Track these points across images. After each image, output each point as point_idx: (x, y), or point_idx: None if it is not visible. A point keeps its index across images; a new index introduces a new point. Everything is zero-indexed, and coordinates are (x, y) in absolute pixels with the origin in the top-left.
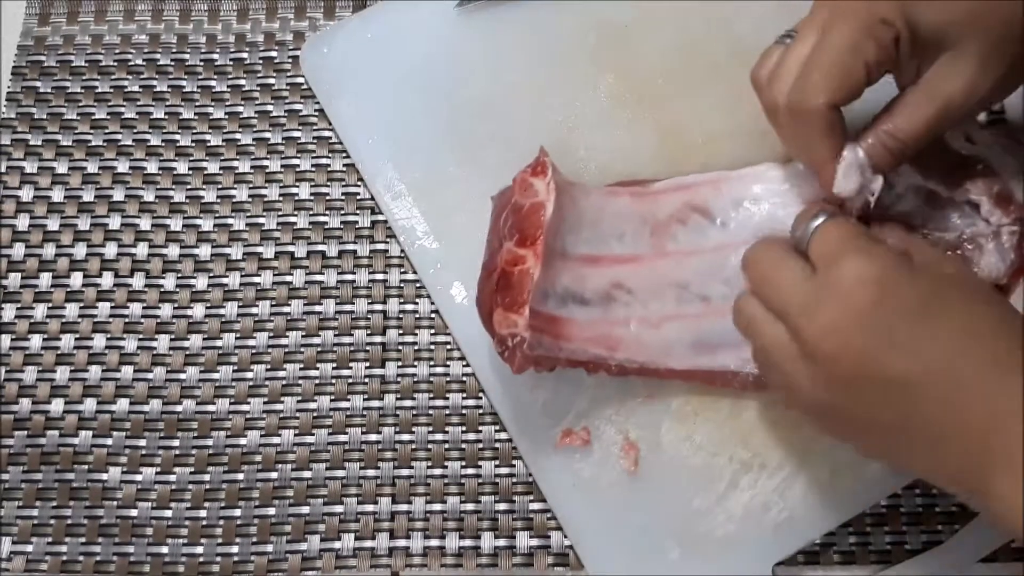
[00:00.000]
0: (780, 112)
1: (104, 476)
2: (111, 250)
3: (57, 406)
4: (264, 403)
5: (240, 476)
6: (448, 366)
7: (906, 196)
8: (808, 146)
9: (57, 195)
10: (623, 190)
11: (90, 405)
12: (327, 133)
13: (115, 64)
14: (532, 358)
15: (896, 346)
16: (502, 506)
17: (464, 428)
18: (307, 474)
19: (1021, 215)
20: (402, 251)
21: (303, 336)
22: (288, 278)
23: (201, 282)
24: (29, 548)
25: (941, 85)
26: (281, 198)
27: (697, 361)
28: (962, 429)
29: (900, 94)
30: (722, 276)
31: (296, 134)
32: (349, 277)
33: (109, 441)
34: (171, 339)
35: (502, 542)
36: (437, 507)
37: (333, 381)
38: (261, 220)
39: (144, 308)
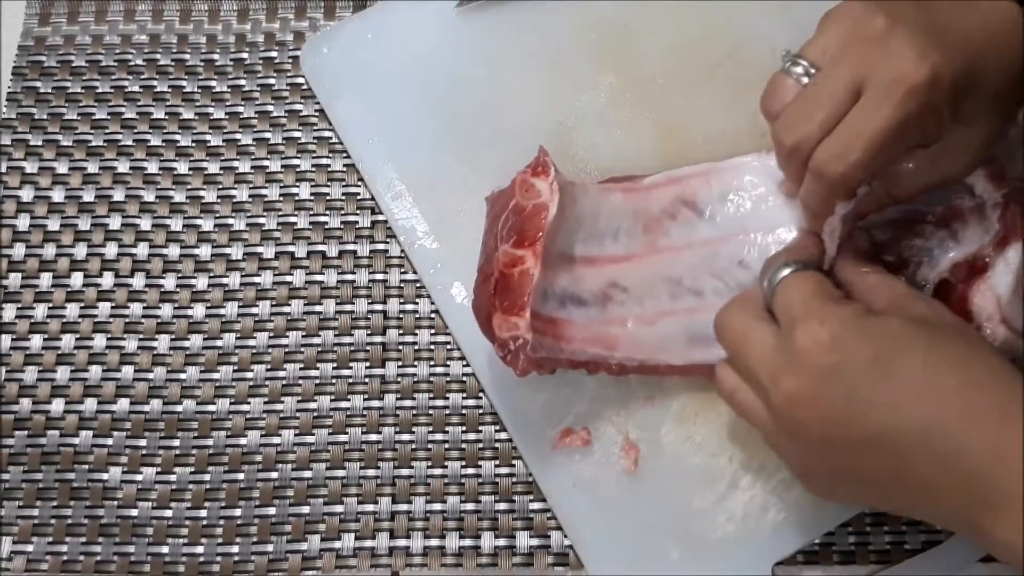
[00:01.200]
0: (794, 159)
1: (104, 476)
2: (111, 250)
3: (57, 406)
4: (264, 403)
5: (240, 476)
6: (448, 366)
7: None
8: (816, 203)
9: (57, 195)
10: (616, 186)
11: (90, 405)
12: (327, 133)
13: (115, 64)
14: (535, 361)
15: (863, 405)
16: (502, 506)
17: (464, 428)
18: (307, 474)
19: (1010, 188)
20: (402, 251)
21: (303, 336)
22: (288, 278)
23: (201, 282)
24: (29, 548)
25: (951, 156)
26: (281, 198)
27: (693, 355)
28: (950, 475)
29: (921, 151)
30: (713, 270)
31: (296, 134)
32: (349, 277)
33: (109, 441)
34: (171, 339)
35: (502, 542)
36: (437, 507)
37: (333, 381)
38: (261, 220)
39: (144, 308)
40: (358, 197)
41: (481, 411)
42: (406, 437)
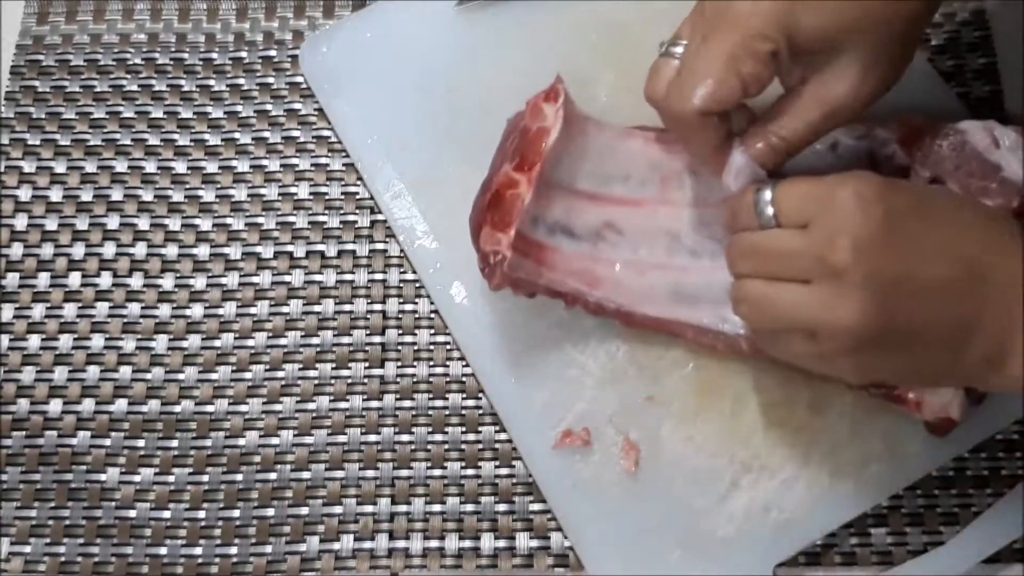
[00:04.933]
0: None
1: (102, 476)
2: (110, 250)
3: (55, 406)
4: (263, 403)
5: (239, 477)
6: (448, 366)
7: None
8: (688, 146)
9: (55, 195)
10: (640, 133)
11: (88, 405)
12: (326, 132)
13: (114, 63)
14: (511, 279)
15: (914, 250)
16: (502, 507)
17: (464, 428)
18: (306, 475)
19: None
20: (401, 251)
21: (302, 336)
22: (287, 278)
23: (200, 282)
24: (27, 549)
25: (826, 89)
26: (280, 198)
27: (675, 311)
28: (990, 314)
29: (785, 96)
30: (716, 234)
31: (295, 133)
32: (348, 277)
33: (107, 441)
34: (170, 339)
35: (502, 543)
36: (437, 508)
37: (332, 381)
38: (260, 220)
39: (143, 308)
40: (357, 196)
41: (481, 412)
42: (405, 438)
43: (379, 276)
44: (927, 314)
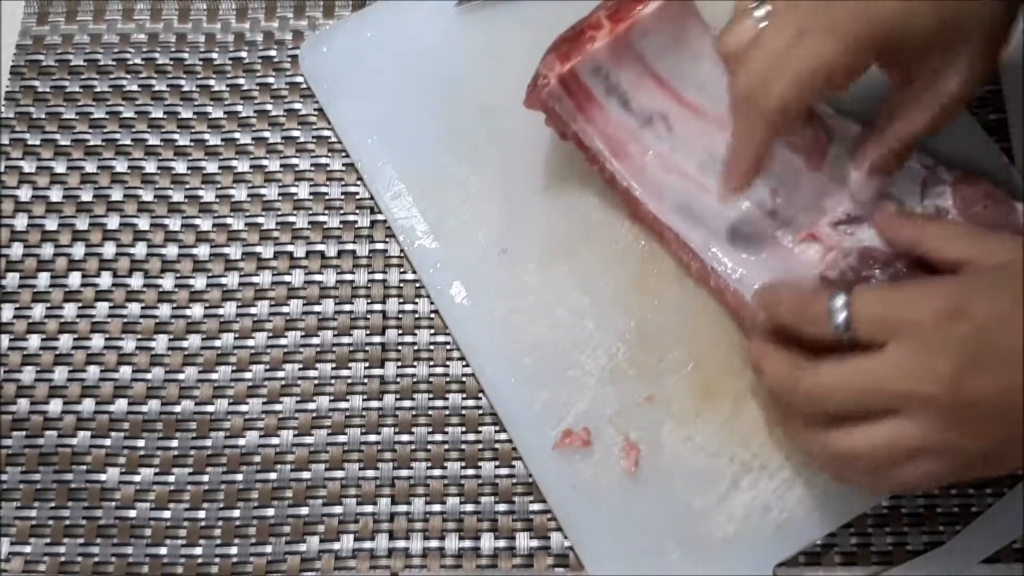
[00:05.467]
0: (736, 104)
1: (102, 476)
2: (109, 250)
3: (55, 406)
4: (263, 403)
5: (239, 477)
6: (448, 366)
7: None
8: (745, 134)
9: (55, 195)
10: None
11: (88, 405)
12: (326, 132)
13: (114, 63)
14: (545, 105)
15: (1006, 360)
16: (502, 507)
17: (464, 429)
18: (306, 475)
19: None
20: (402, 251)
21: (302, 336)
22: (287, 278)
23: (200, 282)
24: (27, 549)
25: (938, 88)
26: (280, 198)
27: (672, 219)
28: None
29: (896, 99)
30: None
31: (295, 133)
32: (348, 277)
33: (107, 441)
34: (170, 339)
35: (502, 543)
36: (437, 508)
37: (332, 381)
38: (260, 220)
39: (143, 308)
40: (357, 196)
41: (481, 412)
42: (405, 438)
43: (379, 276)
44: (993, 431)
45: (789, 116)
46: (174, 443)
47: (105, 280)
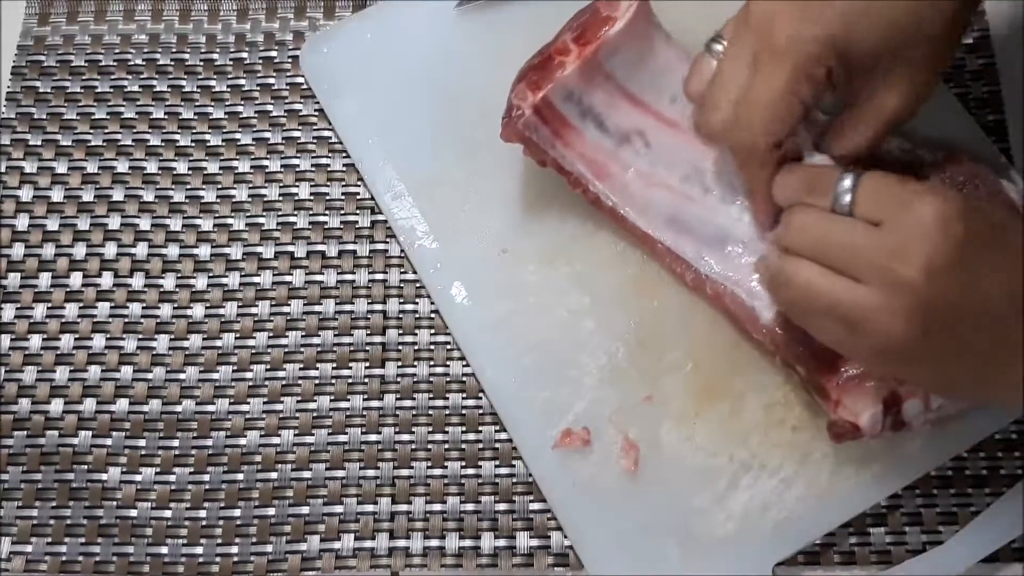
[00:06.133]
0: (716, 139)
1: (104, 476)
2: (111, 250)
3: (57, 406)
4: (264, 403)
5: (240, 476)
6: (448, 366)
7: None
8: (750, 175)
9: (57, 195)
10: None
11: (90, 405)
12: (327, 133)
13: (115, 64)
14: (522, 136)
15: (986, 276)
16: (502, 506)
17: (464, 428)
18: (307, 474)
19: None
20: (402, 251)
21: (303, 336)
22: (288, 278)
23: (201, 282)
24: (28, 548)
25: (882, 102)
26: (281, 198)
27: (662, 232)
28: None
29: (842, 115)
30: (735, 181)
31: (296, 134)
32: (349, 277)
33: (109, 441)
34: (171, 339)
35: (502, 542)
36: (437, 507)
37: (333, 381)
38: (261, 220)
39: (144, 308)
40: (358, 197)
41: (481, 411)
42: (406, 437)
43: (379, 276)
44: (973, 341)
45: (779, 142)
46: (175, 443)
47: (106, 280)
